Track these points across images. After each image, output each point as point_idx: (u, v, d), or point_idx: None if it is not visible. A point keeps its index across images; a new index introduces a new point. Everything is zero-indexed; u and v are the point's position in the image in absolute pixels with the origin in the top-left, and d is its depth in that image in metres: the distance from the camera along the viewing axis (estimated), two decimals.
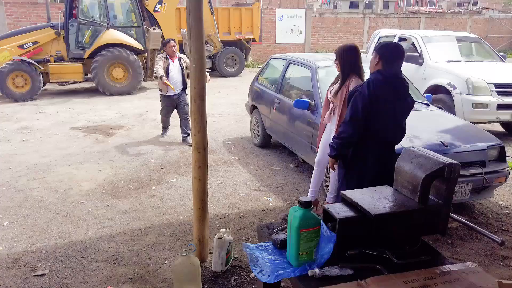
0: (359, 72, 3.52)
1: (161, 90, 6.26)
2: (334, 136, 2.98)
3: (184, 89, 6.25)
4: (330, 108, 3.72)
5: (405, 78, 2.90)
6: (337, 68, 3.62)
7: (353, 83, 3.46)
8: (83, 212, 4.04)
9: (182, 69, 6.17)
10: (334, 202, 3.19)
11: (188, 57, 3.29)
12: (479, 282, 1.58)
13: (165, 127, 6.76)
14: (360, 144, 2.88)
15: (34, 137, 6.67)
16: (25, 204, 4.20)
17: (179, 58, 6.22)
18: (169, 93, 6.15)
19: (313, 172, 3.98)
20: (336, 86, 3.64)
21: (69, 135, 6.81)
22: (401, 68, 2.87)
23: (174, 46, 6.13)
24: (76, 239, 3.53)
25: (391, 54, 2.80)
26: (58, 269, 3.10)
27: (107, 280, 2.98)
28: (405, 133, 2.96)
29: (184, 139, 6.36)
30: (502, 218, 4.01)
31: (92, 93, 10.71)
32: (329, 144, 3.04)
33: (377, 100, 2.73)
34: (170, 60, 6.10)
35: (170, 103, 6.32)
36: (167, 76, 6.07)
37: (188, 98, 5.26)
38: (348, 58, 3.52)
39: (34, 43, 9.85)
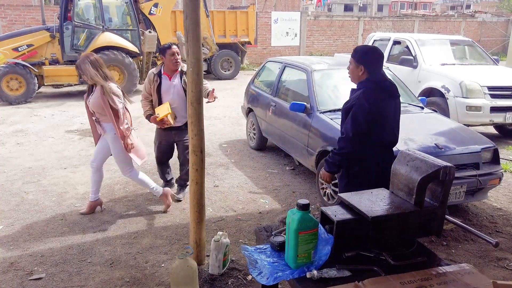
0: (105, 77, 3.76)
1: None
2: (333, 151, 2.82)
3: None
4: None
5: (389, 78, 2.89)
6: None
7: (98, 89, 3.76)
8: (79, 215, 4.03)
9: (185, 89, 3.92)
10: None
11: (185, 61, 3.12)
12: (474, 283, 1.60)
13: (166, 179, 4.52)
14: (360, 151, 2.75)
15: (29, 140, 6.64)
16: (20, 208, 4.19)
17: (181, 73, 4.05)
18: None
19: (91, 174, 4.01)
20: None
21: (64, 138, 6.78)
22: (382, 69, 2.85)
23: (178, 54, 4.01)
24: (73, 243, 3.52)
25: (373, 58, 2.76)
26: (55, 273, 3.09)
27: (104, 283, 2.97)
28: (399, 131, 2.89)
29: (179, 189, 4.44)
30: (496, 220, 4.05)
31: None
32: (326, 160, 2.91)
33: (377, 110, 2.66)
34: (164, 77, 4.05)
35: (166, 141, 4.25)
36: (159, 101, 4.06)
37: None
38: None
39: (29, 45, 9.82)
